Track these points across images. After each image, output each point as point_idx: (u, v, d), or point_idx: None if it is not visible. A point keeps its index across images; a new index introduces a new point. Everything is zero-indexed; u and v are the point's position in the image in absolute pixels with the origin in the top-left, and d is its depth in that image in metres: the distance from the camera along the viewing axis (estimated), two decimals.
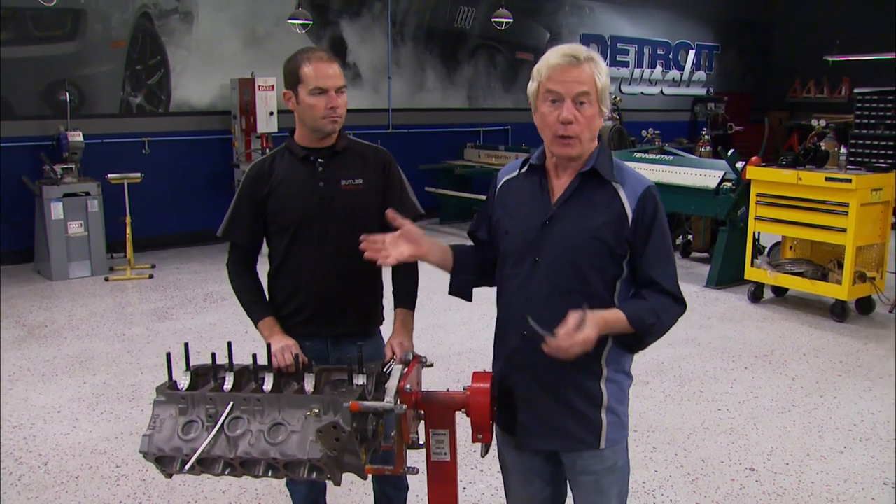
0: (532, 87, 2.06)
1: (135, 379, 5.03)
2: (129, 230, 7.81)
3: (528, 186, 2.15)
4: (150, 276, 7.79)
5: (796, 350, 5.68)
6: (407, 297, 2.65)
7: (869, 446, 4.14)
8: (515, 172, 2.22)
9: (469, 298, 2.32)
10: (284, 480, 2.66)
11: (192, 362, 2.27)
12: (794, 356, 5.55)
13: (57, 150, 7.92)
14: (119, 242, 8.08)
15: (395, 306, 2.63)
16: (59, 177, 7.70)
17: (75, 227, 7.69)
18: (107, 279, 7.65)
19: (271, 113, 8.77)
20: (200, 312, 6.55)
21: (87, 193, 7.74)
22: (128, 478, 3.76)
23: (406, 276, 2.67)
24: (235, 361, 2.31)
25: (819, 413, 4.57)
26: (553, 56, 2.00)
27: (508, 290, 2.13)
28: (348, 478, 2.20)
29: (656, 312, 2.02)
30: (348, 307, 2.62)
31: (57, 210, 7.58)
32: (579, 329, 1.89)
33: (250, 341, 2.35)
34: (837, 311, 6.38)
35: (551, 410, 2.11)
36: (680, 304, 2.08)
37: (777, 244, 7.15)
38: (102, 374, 5.11)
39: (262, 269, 2.67)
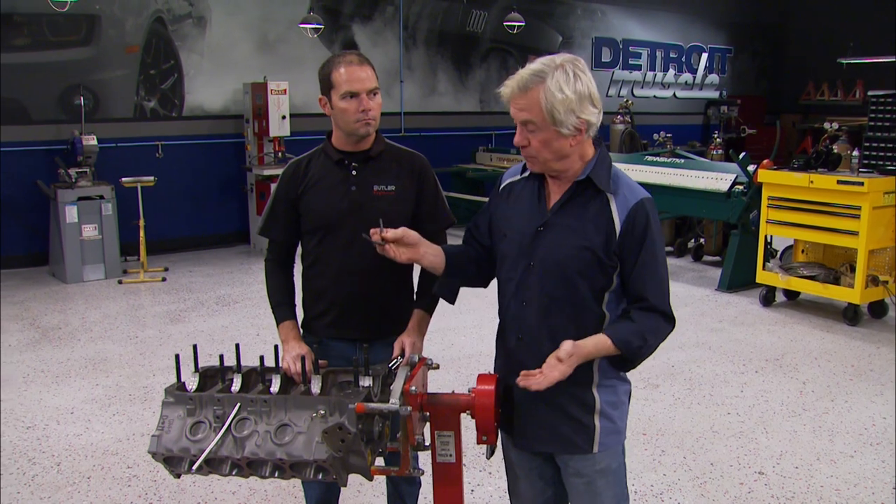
0: None
1: (147, 381, 5.07)
2: (142, 233, 7.88)
3: (528, 191, 2.17)
4: (163, 279, 7.85)
5: (808, 354, 5.65)
6: (428, 298, 2.64)
7: (880, 450, 4.12)
8: (518, 176, 2.24)
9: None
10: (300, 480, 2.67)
11: (204, 365, 2.30)
12: (805, 360, 5.52)
13: (71, 154, 8.00)
14: (132, 245, 8.15)
15: (415, 305, 2.63)
16: (73, 180, 7.77)
17: (89, 231, 7.76)
18: (120, 282, 7.72)
19: (284, 116, 8.78)
20: (212, 315, 6.59)
21: (101, 197, 7.81)
22: (139, 478, 3.79)
23: (431, 279, 2.64)
24: (246, 363, 2.33)
25: (830, 417, 4.55)
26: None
27: (506, 292, 2.17)
28: (359, 479, 2.21)
29: (643, 335, 2.01)
30: (376, 312, 2.62)
31: (71, 213, 7.66)
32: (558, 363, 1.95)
33: (261, 344, 2.38)
34: (850, 315, 6.35)
35: (545, 414, 2.13)
36: (668, 322, 2.07)
37: (789, 248, 7.12)
38: (115, 376, 5.15)
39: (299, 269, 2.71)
